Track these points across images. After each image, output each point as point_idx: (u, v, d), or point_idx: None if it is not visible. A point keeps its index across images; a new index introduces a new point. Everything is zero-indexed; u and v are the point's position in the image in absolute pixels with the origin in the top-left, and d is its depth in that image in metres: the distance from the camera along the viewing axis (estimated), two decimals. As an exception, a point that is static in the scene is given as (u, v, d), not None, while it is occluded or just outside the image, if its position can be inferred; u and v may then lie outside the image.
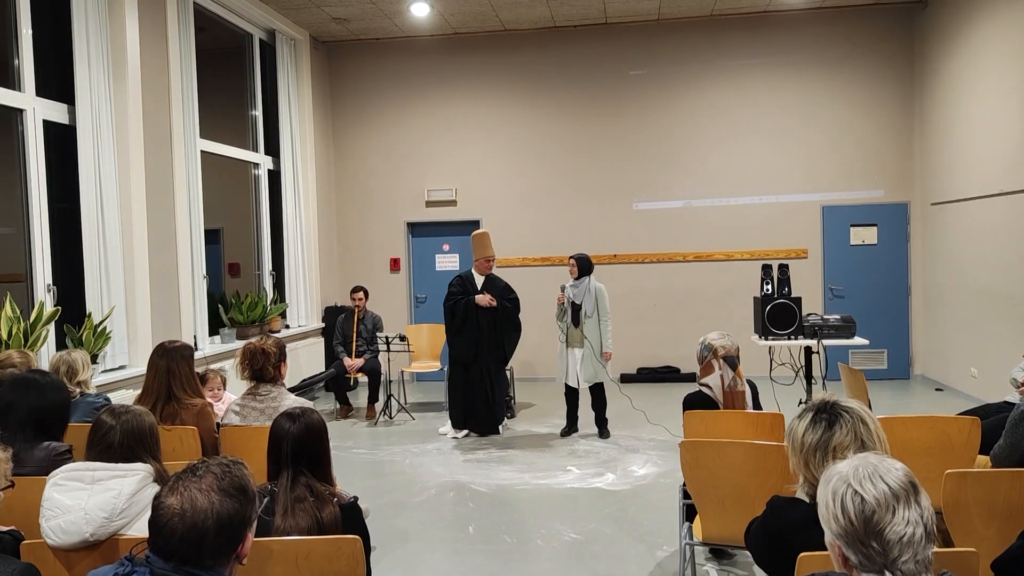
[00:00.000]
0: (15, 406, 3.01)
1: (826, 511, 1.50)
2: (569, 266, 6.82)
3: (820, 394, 2.12)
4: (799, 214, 9.26)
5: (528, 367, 9.57)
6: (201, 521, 1.53)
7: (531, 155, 9.75)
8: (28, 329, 5.01)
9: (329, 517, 2.35)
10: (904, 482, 1.47)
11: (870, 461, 1.51)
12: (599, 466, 6.01)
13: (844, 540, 1.47)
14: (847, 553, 1.47)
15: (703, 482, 3.08)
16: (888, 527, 1.42)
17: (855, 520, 1.44)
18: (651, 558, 4.20)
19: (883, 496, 1.44)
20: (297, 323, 9.18)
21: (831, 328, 5.11)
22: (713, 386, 3.74)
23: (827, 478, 1.53)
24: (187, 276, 6.92)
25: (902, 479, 1.48)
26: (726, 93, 9.34)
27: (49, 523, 2.29)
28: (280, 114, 9.00)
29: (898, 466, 1.51)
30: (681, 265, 9.51)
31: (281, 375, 3.80)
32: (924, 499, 1.48)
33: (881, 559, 1.43)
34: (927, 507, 1.47)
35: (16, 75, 5.54)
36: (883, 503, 1.44)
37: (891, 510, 1.43)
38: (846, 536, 1.46)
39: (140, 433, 2.47)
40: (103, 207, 5.98)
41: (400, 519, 5.00)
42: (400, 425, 7.65)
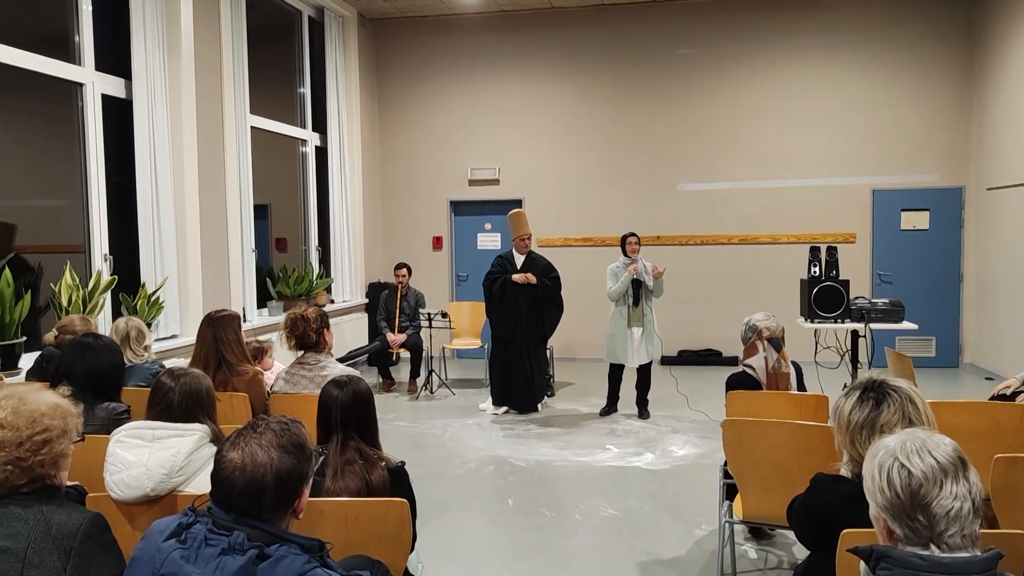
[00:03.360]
0: (74, 368, 3.13)
1: (872, 484, 1.50)
2: (630, 244, 6.72)
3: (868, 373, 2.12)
4: (848, 198, 9.09)
5: (568, 347, 9.60)
6: (261, 475, 1.60)
7: (575, 134, 9.72)
8: (86, 297, 5.19)
9: (378, 480, 2.42)
10: (953, 457, 1.47)
11: (918, 436, 1.51)
12: (638, 446, 6.03)
13: (889, 513, 1.47)
14: (892, 526, 1.47)
15: (745, 461, 3.09)
16: (935, 501, 1.43)
17: (901, 493, 1.45)
18: (689, 536, 4.22)
19: (931, 470, 1.44)
20: (342, 298, 9.33)
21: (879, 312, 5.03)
22: (757, 367, 3.73)
23: (874, 452, 1.53)
24: (237, 249, 7.07)
25: (951, 454, 1.48)
26: (776, 73, 9.18)
27: (112, 477, 2.39)
28: (327, 91, 9.10)
29: (947, 441, 1.51)
30: (726, 248, 9.42)
31: (326, 342, 3.89)
32: (973, 475, 1.47)
33: (927, 532, 1.43)
34: (975, 483, 1.47)
35: (76, 50, 5.70)
36: (930, 477, 1.44)
37: (938, 484, 1.43)
38: (891, 509, 1.47)
39: (198, 395, 2.57)
40: (157, 180, 6.13)
41: (440, 490, 5.09)
42: (441, 400, 7.75)
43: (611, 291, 6.72)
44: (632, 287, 6.66)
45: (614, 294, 6.72)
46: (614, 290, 6.70)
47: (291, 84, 8.95)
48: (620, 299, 6.72)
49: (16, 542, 1.74)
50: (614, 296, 6.73)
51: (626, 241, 6.75)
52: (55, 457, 1.86)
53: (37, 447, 1.81)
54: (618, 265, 6.73)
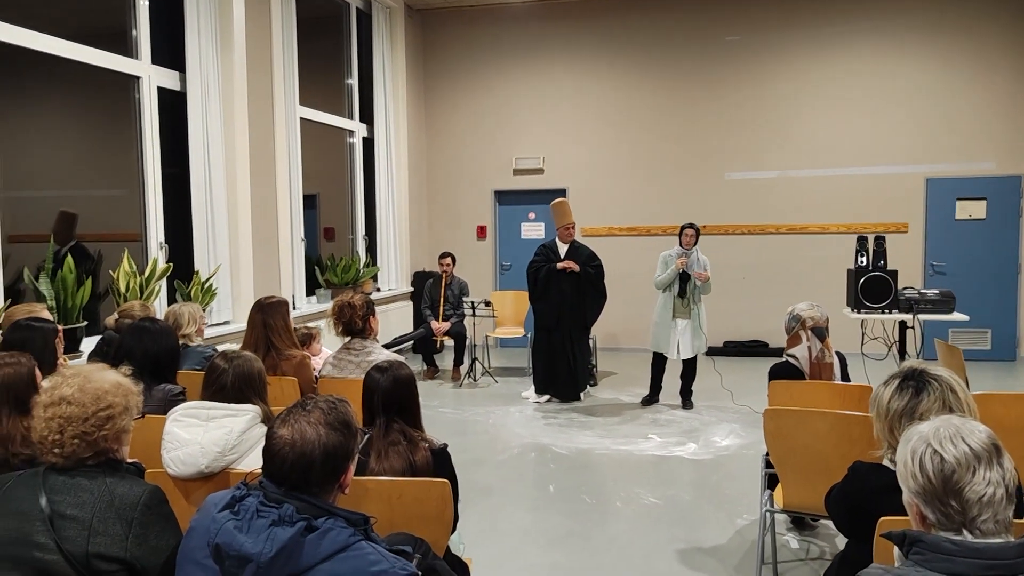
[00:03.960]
0: (133, 351, 3.27)
1: (904, 469, 1.51)
2: (686, 236, 6.65)
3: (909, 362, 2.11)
4: (901, 186, 8.89)
5: (612, 337, 9.60)
6: (309, 451, 1.67)
7: (620, 123, 9.68)
8: (143, 284, 5.37)
9: (422, 460, 2.49)
10: (987, 443, 1.47)
11: (953, 422, 1.52)
12: (681, 435, 6.03)
13: (922, 498, 1.48)
14: (925, 511, 1.48)
15: (785, 450, 3.09)
16: (968, 486, 1.43)
17: (933, 479, 1.46)
18: (731, 525, 4.22)
19: (963, 456, 1.45)
20: (388, 286, 9.47)
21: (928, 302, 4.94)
22: (800, 357, 3.71)
23: (907, 437, 1.54)
24: (286, 238, 7.24)
25: (984, 441, 1.48)
26: (827, 59, 9.01)
27: (169, 454, 2.51)
28: (375, 82, 9.22)
29: (981, 428, 1.51)
30: (773, 237, 9.30)
31: (371, 329, 3.98)
32: (1007, 461, 1.47)
33: (960, 518, 1.44)
34: (1009, 469, 1.46)
35: (133, 44, 5.88)
36: (963, 463, 1.44)
37: (971, 470, 1.44)
38: (924, 494, 1.48)
39: (250, 376, 2.67)
40: (210, 171, 6.30)
41: (482, 475, 5.17)
42: (484, 388, 7.83)
43: (657, 279, 6.71)
44: (679, 280, 6.63)
45: (659, 283, 6.70)
46: (660, 279, 6.68)
47: (339, 75, 9.08)
48: (666, 289, 6.71)
49: (83, 511, 1.85)
50: (659, 285, 6.71)
51: (683, 232, 6.68)
52: (117, 432, 1.96)
53: (101, 423, 1.92)
54: (671, 254, 6.70)
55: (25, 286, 4.78)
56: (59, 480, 1.89)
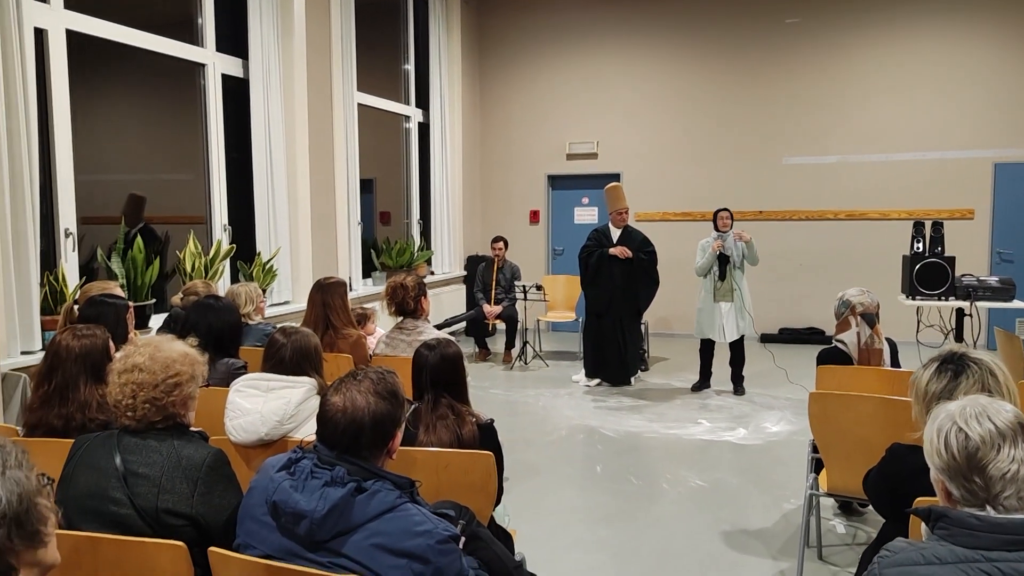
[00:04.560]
0: (198, 326, 3.45)
1: (930, 447, 1.54)
2: (721, 219, 6.67)
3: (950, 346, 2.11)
4: (967, 172, 8.62)
5: (664, 322, 9.58)
6: (359, 418, 1.78)
7: (675, 107, 9.60)
8: (208, 264, 5.61)
9: (469, 434, 2.60)
10: (1012, 423, 1.49)
11: (980, 402, 1.54)
12: (731, 421, 6.02)
13: (947, 475, 1.51)
14: (950, 488, 1.51)
15: (830, 434, 3.10)
16: (992, 463, 1.45)
17: (958, 455, 1.48)
18: (777, 509, 4.23)
19: (988, 434, 1.47)
20: (441, 270, 9.62)
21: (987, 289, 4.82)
22: (849, 342, 3.69)
23: (935, 416, 1.57)
24: (344, 222, 7.42)
25: (1010, 420, 1.49)
26: (890, 41, 8.76)
27: (232, 423, 2.66)
28: (430, 68, 9.33)
29: (1008, 408, 1.52)
30: (831, 223, 9.14)
31: (423, 309, 4.10)
32: (1033, 439, 1.49)
33: (984, 494, 1.46)
34: (1035, 447, 1.48)
35: (199, 32, 6.10)
36: (988, 441, 1.46)
37: (996, 448, 1.46)
38: (948, 471, 1.50)
39: (307, 351, 2.81)
40: (271, 156, 6.51)
41: (531, 454, 5.26)
42: (534, 371, 7.92)
43: (697, 266, 6.73)
44: (718, 262, 6.62)
45: (699, 269, 6.72)
46: (700, 265, 6.70)
47: (396, 61, 9.22)
48: (707, 274, 6.70)
49: (152, 469, 2.00)
50: (699, 271, 6.73)
51: (717, 216, 6.70)
52: (184, 398, 2.11)
53: (170, 389, 2.06)
54: (708, 241, 6.69)
55: (98, 265, 5.04)
56: (131, 441, 2.04)
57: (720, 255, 6.60)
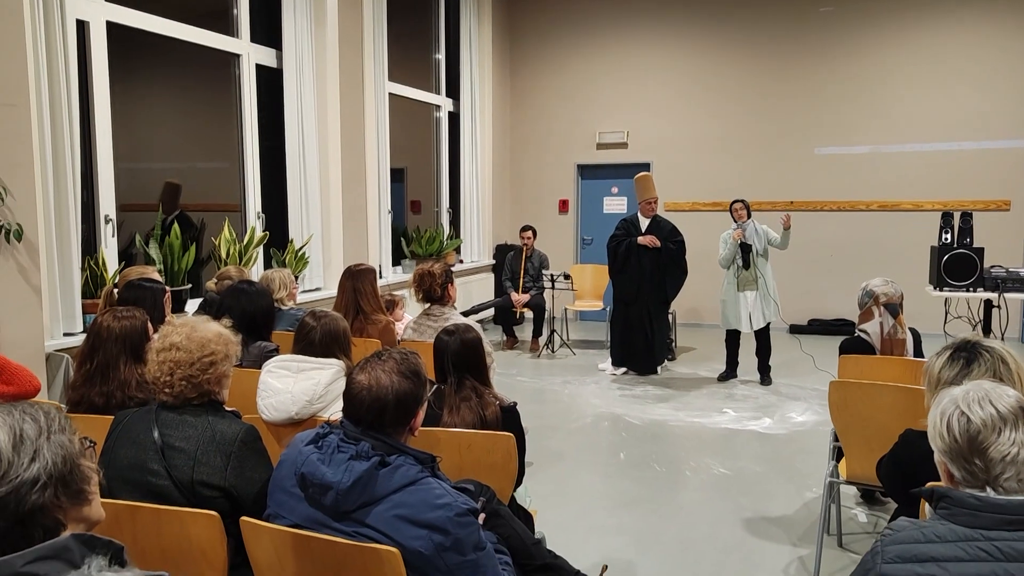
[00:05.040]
0: (232, 310, 3.56)
1: (933, 430, 1.58)
2: (735, 210, 6.71)
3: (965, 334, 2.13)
4: (1003, 162, 8.47)
5: (693, 312, 9.57)
6: (383, 395, 1.86)
7: (706, 97, 9.55)
8: (242, 251, 5.74)
9: (492, 415, 2.67)
10: (1014, 407, 1.52)
11: (983, 387, 1.57)
12: (757, 410, 6.03)
13: (949, 457, 1.55)
14: (952, 469, 1.55)
15: (850, 422, 3.12)
16: (992, 446, 1.49)
17: (959, 438, 1.52)
18: (799, 498, 4.26)
19: (990, 418, 1.51)
20: (470, 258, 9.70)
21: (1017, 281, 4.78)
22: (871, 332, 3.69)
23: (939, 400, 1.60)
24: (375, 210, 7.53)
25: (1012, 404, 1.53)
26: (924, 29, 8.63)
27: (264, 402, 2.77)
28: (461, 57, 9.39)
29: (1011, 393, 1.56)
30: (864, 214, 9.05)
31: (450, 296, 4.19)
32: (1035, 424, 1.52)
33: (984, 475, 1.50)
34: (1035, 431, 1.51)
35: (234, 23, 6.22)
36: (989, 424, 1.50)
37: (997, 431, 1.49)
38: (950, 453, 1.54)
39: (335, 334, 2.90)
40: (304, 145, 6.63)
41: (556, 441, 5.33)
42: (562, 359, 7.98)
43: (720, 258, 6.76)
44: (741, 251, 6.63)
45: (723, 261, 6.75)
46: (722, 256, 6.74)
47: (427, 51, 9.30)
48: (731, 265, 6.71)
49: (189, 444, 2.10)
50: (723, 263, 6.76)
51: (732, 208, 6.74)
52: (219, 376, 2.21)
53: (205, 367, 2.16)
54: (729, 233, 6.72)
55: (137, 251, 5.20)
56: (169, 416, 2.15)
57: (742, 244, 6.60)
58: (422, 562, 1.77)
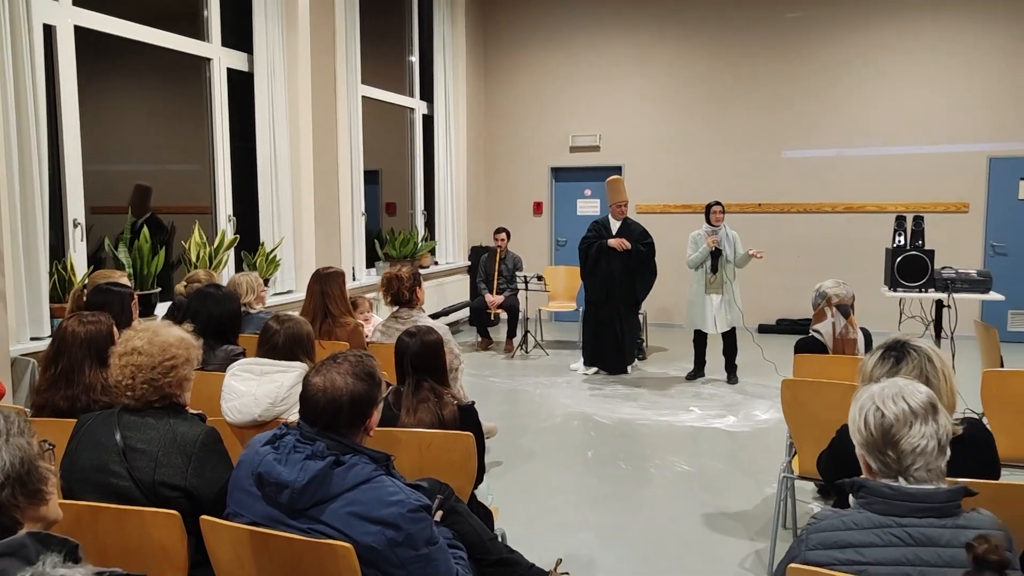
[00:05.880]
0: (198, 314, 3.60)
1: (852, 424, 1.69)
2: (714, 213, 6.81)
3: (895, 334, 2.24)
4: (963, 166, 8.69)
5: (664, 313, 9.69)
6: (338, 397, 1.93)
7: (677, 101, 9.69)
8: (212, 254, 5.76)
9: (450, 415, 2.74)
10: (924, 403, 1.63)
11: (898, 384, 1.68)
12: (722, 408, 6.15)
13: (866, 449, 1.65)
14: (869, 461, 1.66)
15: (801, 419, 3.23)
16: (904, 439, 1.59)
17: (875, 432, 1.63)
18: (758, 493, 4.37)
19: (902, 413, 1.61)
20: (445, 260, 9.77)
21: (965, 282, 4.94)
22: (824, 332, 3.81)
23: (858, 396, 1.71)
24: (347, 213, 7.57)
25: (923, 400, 1.63)
26: (887, 36, 8.82)
27: (227, 404, 2.82)
28: (435, 60, 9.45)
29: (922, 390, 1.66)
30: (830, 216, 9.23)
31: (418, 299, 4.25)
32: (942, 418, 1.63)
33: (896, 466, 1.60)
34: (944, 425, 1.62)
35: (204, 27, 6.24)
36: (901, 419, 1.60)
37: (908, 425, 1.60)
38: (867, 445, 1.65)
39: (299, 337, 2.96)
40: (276, 148, 6.66)
41: (526, 440, 5.41)
42: (535, 359, 8.07)
43: (689, 259, 6.86)
44: (711, 256, 6.75)
45: (692, 262, 6.85)
46: (692, 259, 6.83)
47: (401, 54, 9.34)
48: (699, 267, 6.83)
49: (150, 445, 2.16)
50: (692, 264, 6.86)
51: (710, 210, 6.83)
52: (180, 380, 2.26)
53: (167, 371, 2.22)
54: (700, 233, 6.83)
55: (106, 254, 5.21)
56: (131, 419, 2.20)
57: (713, 249, 6.73)
58: (375, 557, 1.84)
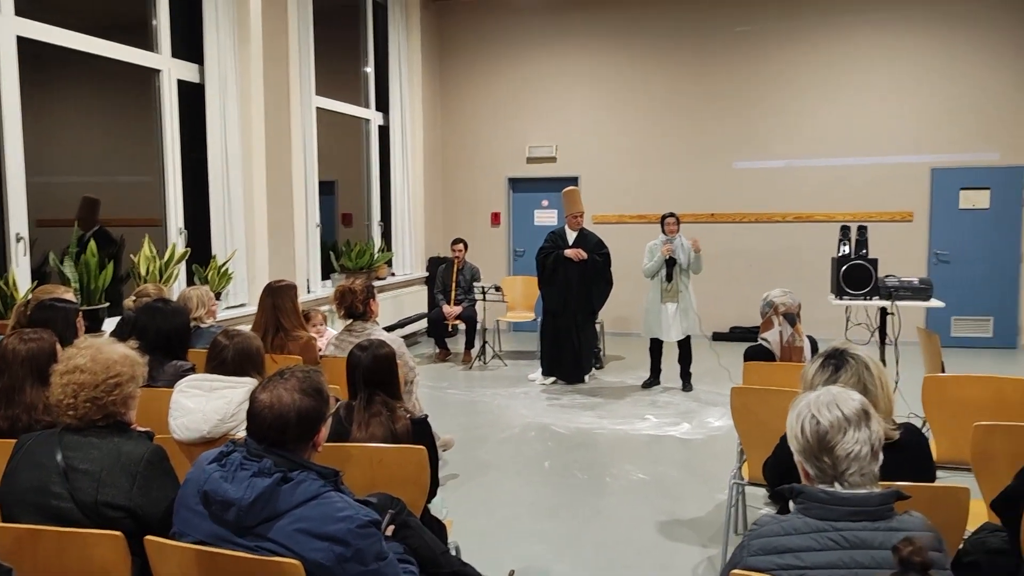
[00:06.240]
0: (147, 329, 3.53)
1: (790, 432, 1.73)
2: (668, 223, 6.93)
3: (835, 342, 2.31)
4: (907, 176, 8.96)
5: (622, 322, 9.78)
6: (285, 413, 1.91)
7: (631, 113, 9.82)
8: (162, 267, 5.67)
9: (402, 429, 2.74)
10: (858, 410, 1.69)
11: (832, 392, 1.73)
12: (677, 416, 6.23)
13: (803, 456, 1.70)
14: (807, 467, 1.71)
15: (749, 426, 3.29)
16: (838, 445, 1.65)
17: (811, 439, 1.68)
18: (711, 500, 4.43)
19: (836, 420, 1.66)
20: (403, 271, 9.73)
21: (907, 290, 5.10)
22: (771, 340, 3.90)
23: (795, 404, 1.76)
24: (301, 224, 7.51)
25: (856, 408, 1.69)
26: (834, 50, 9.07)
27: (175, 421, 2.78)
28: (391, 71, 9.43)
29: (855, 397, 1.72)
30: (780, 225, 9.42)
31: (372, 312, 4.23)
32: (874, 424, 1.69)
33: (832, 472, 1.66)
34: (876, 431, 1.68)
35: (154, 37, 6.15)
36: (835, 426, 1.66)
37: (842, 431, 1.65)
38: (804, 452, 1.70)
39: (248, 352, 2.93)
40: (228, 159, 6.57)
41: (484, 452, 5.42)
42: (493, 370, 8.08)
43: (645, 268, 6.96)
44: (666, 265, 6.85)
45: (647, 271, 6.95)
46: (648, 267, 6.94)
47: (356, 65, 9.31)
48: (655, 276, 6.93)
49: (93, 465, 2.11)
50: (648, 273, 6.96)
51: (664, 221, 6.94)
52: (125, 398, 2.22)
53: (110, 389, 2.18)
54: (655, 243, 6.93)
55: (51, 269, 5.08)
56: (73, 439, 2.15)
57: (668, 258, 6.83)
58: (324, 573, 1.83)
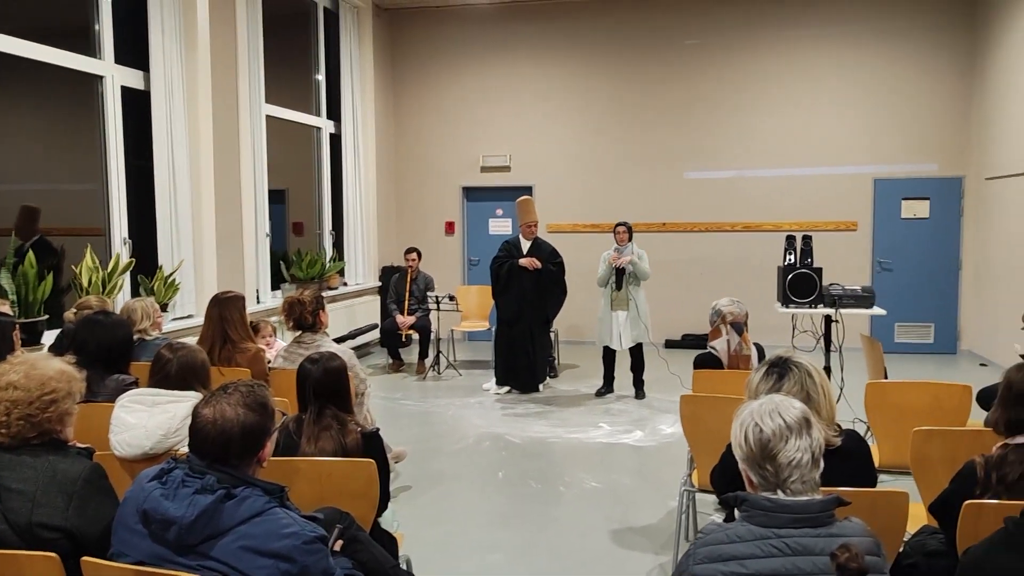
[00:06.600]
0: (87, 343, 3.43)
1: (734, 439, 1.76)
2: (619, 233, 7.00)
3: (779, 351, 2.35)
4: (851, 187, 9.21)
5: (575, 330, 9.82)
6: (229, 428, 1.88)
7: (584, 123, 9.91)
8: (106, 278, 5.52)
9: (353, 443, 2.71)
10: (799, 418, 1.72)
11: (774, 400, 1.77)
12: (630, 424, 6.28)
13: (747, 463, 1.73)
14: (751, 475, 1.73)
15: (699, 434, 3.33)
16: (780, 452, 1.68)
17: (754, 447, 1.70)
18: (664, 506, 4.47)
19: (778, 428, 1.70)
20: (355, 281, 9.64)
21: (851, 298, 5.24)
22: (720, 349, 3.96)
23: (738, 413, 1.79)
24: (251, 234, 7.39)
25: (797, 416, 1.72)
26: (781, 64, 9.30)
27: (116, 437, 2.70)
28: (342, 80, 9.36)
29: (796, 405, 1.76)
30: (730, 235, 9.59)
31: (321, 323, 4.18)
32: (815, 432, 1.72)
33: (774, 479, 1.69)
34: (816, 439, 1.72)
35: (96, 43, 6.00)
36: (778, 434, 1.69)
37: (784, 439, 1.68)
38: (747, 460, 1.73)
39: (193, 366, 2.86)
40: (174, 168, 6.44)
41: (437, 463, 5.38)
42: (447, 380, 8.04)
43: (598, 277, 7.05)
44: (615, 273, 6.93)
45: (599, 280, 7.08)
46: (599, 276, 7.04)
47: (307, 73, 9.22)
48: (606, 284, 7.01)
49: (27, 485, 2.04)
50: (599, 282, 7.09)
51: (615, 231, 7.02)
52: (61, 415, 2.15)
53: (45, 406, 2.11)
54: (609, 252, 7.02)
55: (-13, 280, 4.91)
56: (5, 457, 2.08)
57: (617, 268, 6.91)
58: (270, 591, 1.79)
